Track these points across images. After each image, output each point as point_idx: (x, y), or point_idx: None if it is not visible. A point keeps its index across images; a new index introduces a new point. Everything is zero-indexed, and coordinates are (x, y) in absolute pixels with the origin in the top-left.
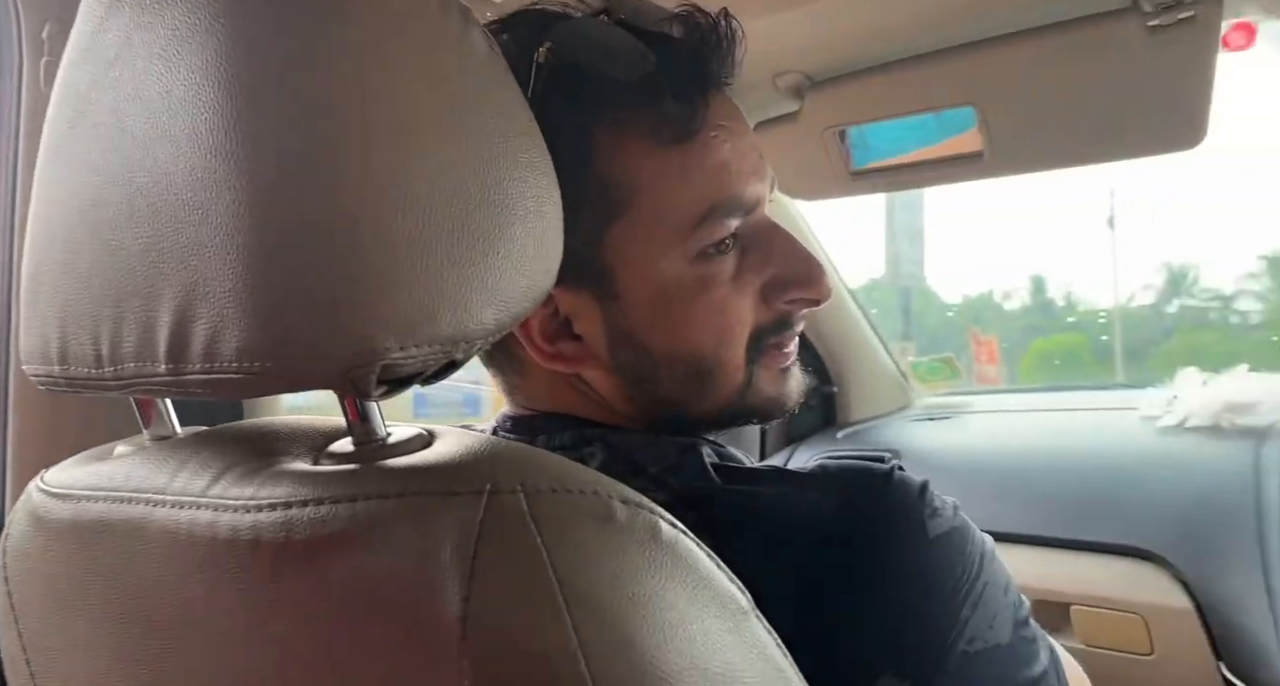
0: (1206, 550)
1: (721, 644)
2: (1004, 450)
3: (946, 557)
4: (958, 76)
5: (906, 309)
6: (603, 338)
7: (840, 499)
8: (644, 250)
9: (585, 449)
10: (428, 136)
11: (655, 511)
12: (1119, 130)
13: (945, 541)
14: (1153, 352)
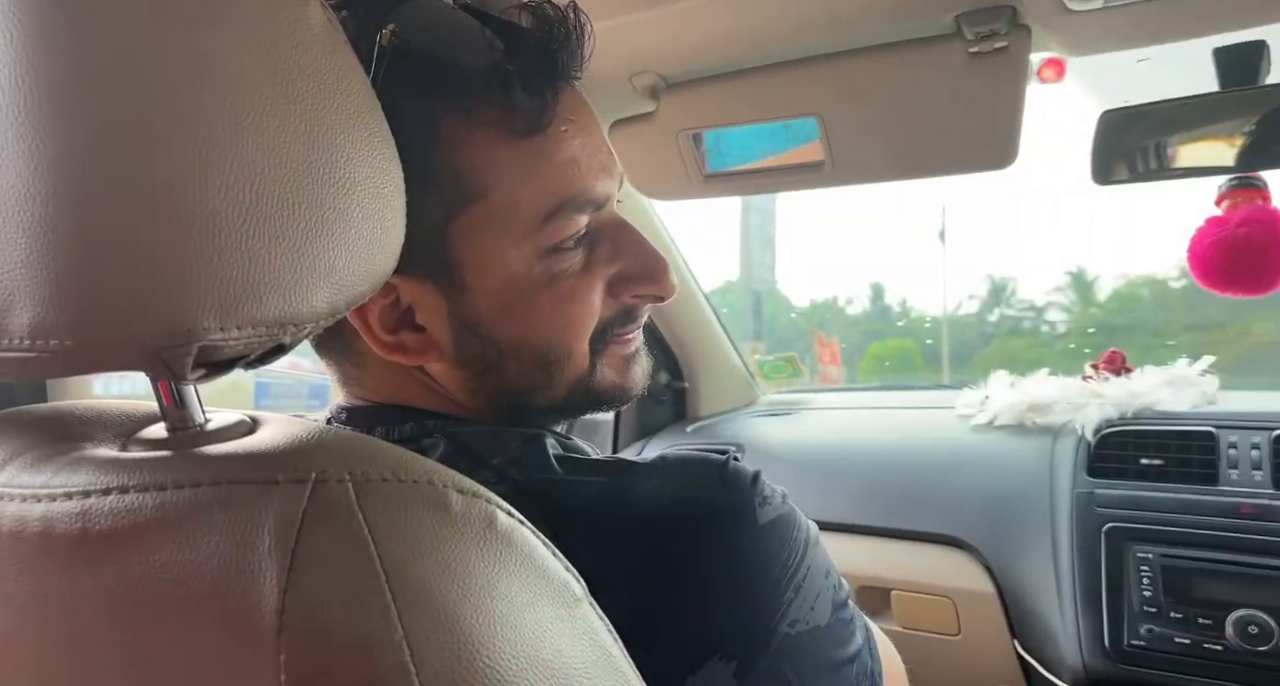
0: (1007, 538)
1: (553, 632)
2: (837, 444)
3: (774, 544)
4: (803, 88)
5: (758, 311)
6: (447, 329)
7: (676, 487)
8: (493, 242)
9: (425, 441)
10: (257, 108)
11: (492, 501)
12: (943, 147)
13: (773, 529)
14: (974, 357)
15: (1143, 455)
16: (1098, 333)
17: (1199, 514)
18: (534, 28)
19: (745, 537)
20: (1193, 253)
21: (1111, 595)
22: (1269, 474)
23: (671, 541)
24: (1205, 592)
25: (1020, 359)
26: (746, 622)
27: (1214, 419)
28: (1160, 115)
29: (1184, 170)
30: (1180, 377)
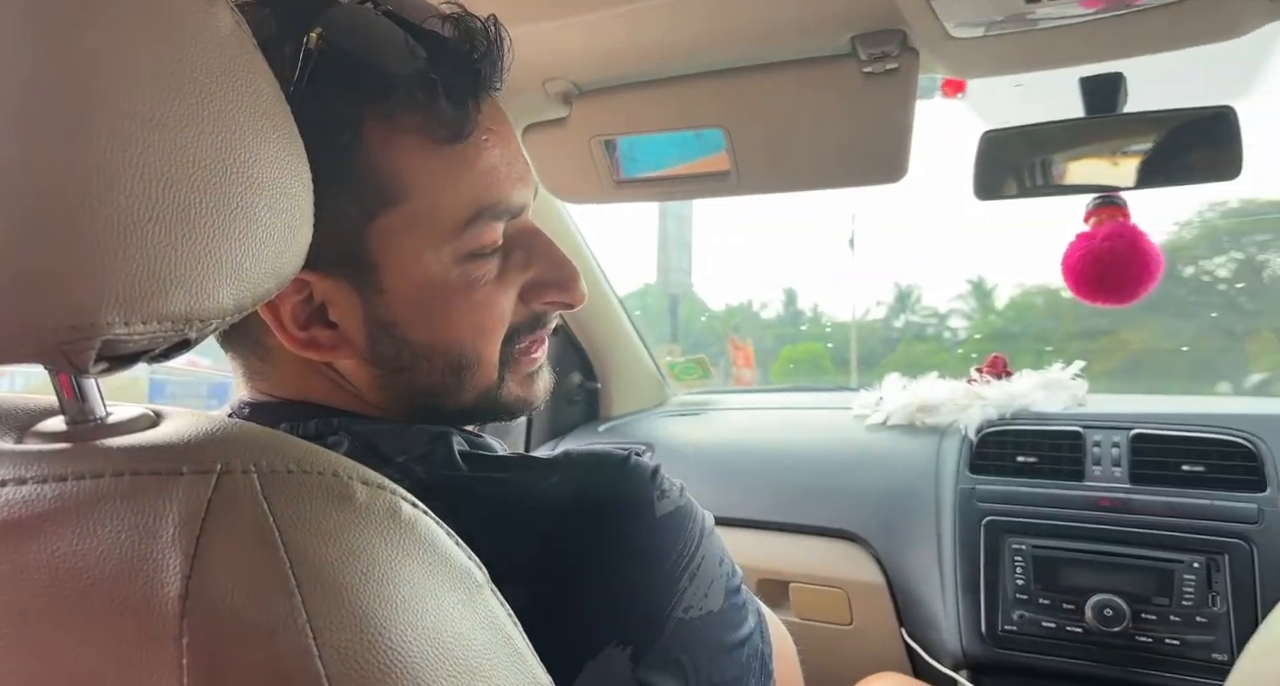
0: (897, 531)
1: (455, 616)
2: (742, 444)
3: (670, 535)
4: (710, 101)
5: (674, 313)
6: (361, 327)
7: (578, 481)
8: (411, 245)
9: (330, 438)
10: (162, 107)
11: (396, 492)
12: (839, 161)
13: (670, 520)
14: (881, 361)
15: (1019, 453)
16: (994, 339)
17: (1066, 507)
18: (456, 38)
19: (643, 529)
20: (1065, 265)
21: (989, 584)
22: (1127, 470)
23: (572, 534)
24: (1069, 580)
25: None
26: (643, 610)
27: (1081, 419)
28: (1034, 137)
29: (1055, 188)
30: (1054, 381)
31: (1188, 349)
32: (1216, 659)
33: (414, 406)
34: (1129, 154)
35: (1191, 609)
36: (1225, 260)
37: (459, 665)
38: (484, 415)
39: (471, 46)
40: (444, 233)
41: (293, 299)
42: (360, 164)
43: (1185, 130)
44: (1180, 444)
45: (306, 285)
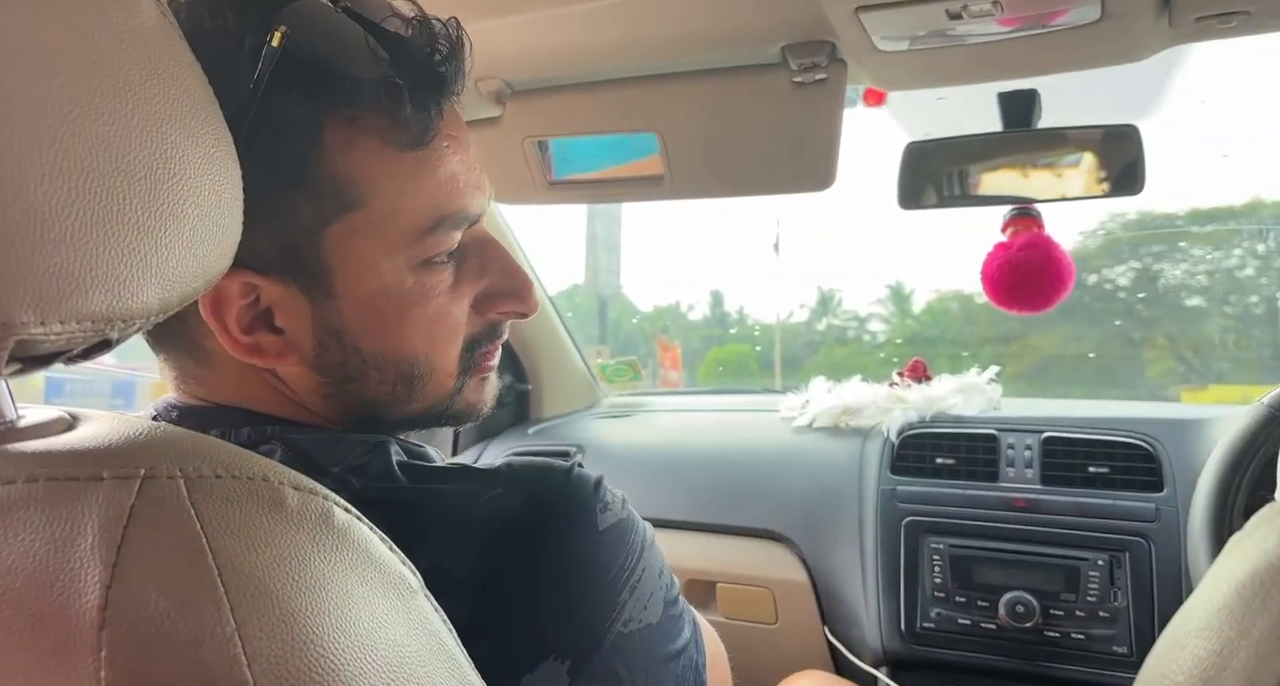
0: (821, 531)
1: (389, 622)
2: (671, 445)
3: (612, 548)
4: (643, 105)
5: (603, 314)
6: (309, 334)
7: (521, 494)
8: (368, 251)
9: (263, 447)
10: (83, 101)
11: (329, 498)
12: (769, 168)
13: (612, 533)
14: (804, 363)
15: (938, 455)
16: (912, 343)
17: (981, 507)
18: (418, 40)
19: (585, 543)
20: (984, 274)
21: (908, 582)
22: (1038, 471)
23: (513, 547)
24: (984, 578)
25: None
26: (582, 624)
27: (996, 422)
28: (955, 149)
29: (974, 199)
30: (971, 385)
31: (1094, 355)
32: (1117, 651)
33: (357, 415)
34: (1042, 167)
35: (1095, 604)
36: (1125, 270)
37: (393, 671)
38: (431, 422)
39: (433, 49)
40: (402, 239)
41: (238, 302)
42: (319, 167)
43: (1094, 147)
44: (1087, 446)
45: (254, 289)
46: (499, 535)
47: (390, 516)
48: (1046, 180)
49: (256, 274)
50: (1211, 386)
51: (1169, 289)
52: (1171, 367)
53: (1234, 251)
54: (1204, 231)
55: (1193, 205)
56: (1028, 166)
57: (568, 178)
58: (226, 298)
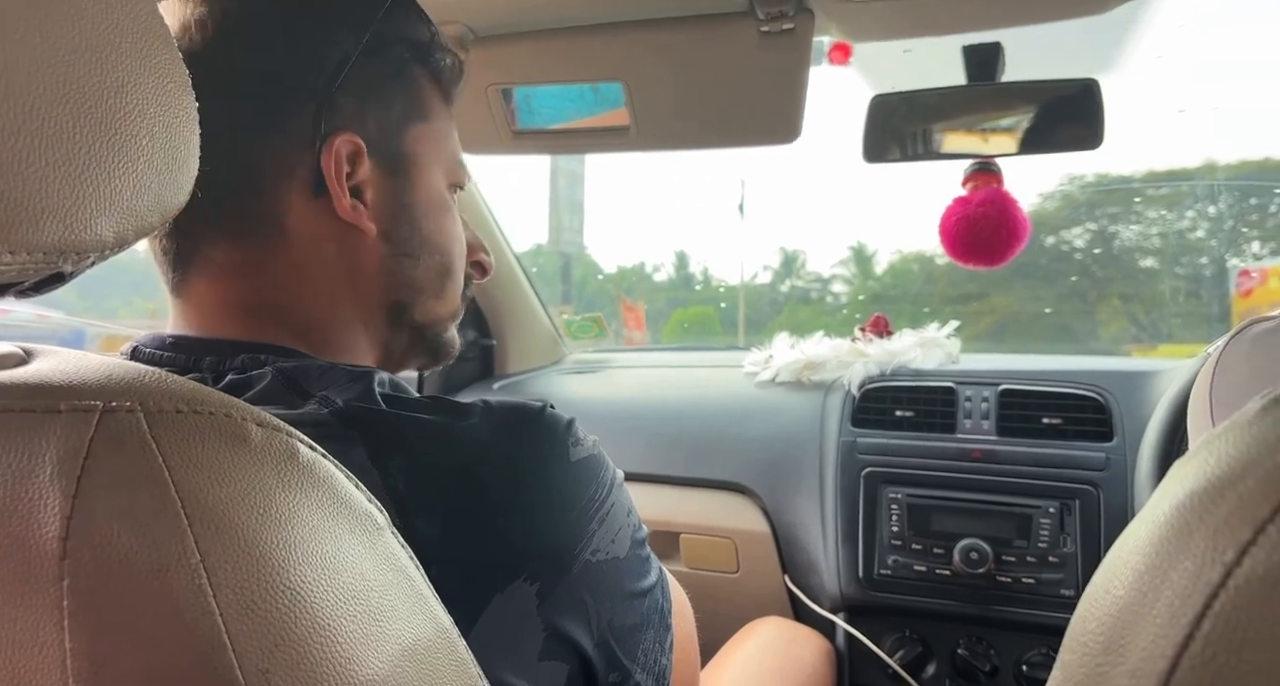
0: (782, 482)
1: (355, 557)
2: (637, 400)
3: (583, 479)
4: (609, 53)
5: (567, 274)
6: (388, 208)
7: (496, 426)
8: (430, 156)
9: (254, 371)
10: (28, 21)
11: (293, 435)
12: (735, 120)
13: (583, 466)
14: (768, 324)
15: (898, 407)
16: (874, 302)
17: (939, 458)
18: None
19: (557, 471)
20: (942, 229)
21: (866, 531)
22: (994, 423)
23: (488, 470)
24: (940, 526)
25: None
26: (552, 548)
27: (954, 376)
28: (919, 102)
29: (938, 154)
30: (930, 340)
31: (1050, 311)
32: (1065, 594)
33: (393, 300)
34: (1004, 122)
35: (1046, 550)
36: (1082, 230)
37: (359, 604)
38: (425, 341)
39: None
40: (447, 159)
41: (344, 168)
42: (412, 83)
43: (1055, 101)
44: (1041, 398)
45: (358, 157)
46: (474, 458)
47: (370, 434)
48: (1008, 135)
49: (365, 144)
50: (1161, 346)
51: (1124, 249)
52: (1124, 327)
53: (1186, 213)
54: (1158, 193)
55: (1148, 166)
56: (990, 121)
57: (533, 128)
58: (340, 157)
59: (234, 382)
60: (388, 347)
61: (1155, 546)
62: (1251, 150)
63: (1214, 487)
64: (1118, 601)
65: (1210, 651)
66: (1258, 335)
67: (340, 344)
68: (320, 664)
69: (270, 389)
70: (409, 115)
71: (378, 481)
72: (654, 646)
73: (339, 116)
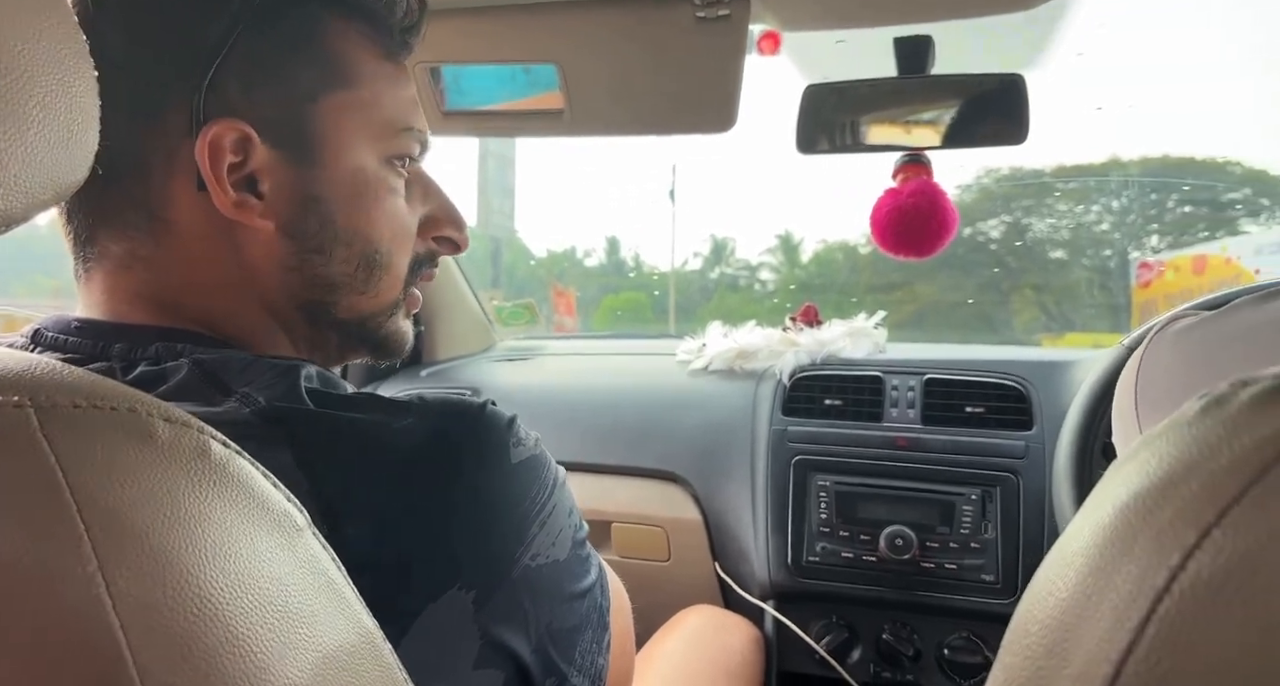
0: (714, 471)
1: (272, 561)
2: (569, 388)
3: (524, 480)
4: (542, 34)
5: (496, 258)
6: (290, 200)
7: (433, 425)
8: (352, 130)
9: (169, 362)
10: None
11: (205, 431)
12: (670, 107)
13: (525, 467)
14: (698, 310)
15: (827, 396)
16: (802, 291)
17: (866, 446)
18: None
19: (497, 474)
20: (873, 220)
21: (795, 518)
22: (919, 411)
23: (422, 474)
24: (866, 513)
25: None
26: (490, 554)
27: (881, 365)
28: (853, 93)
29: (868, 146)
30: (859, 329)
31: (972, 302)
32: (985, 579)
33: (309, 299)
34: (933, 115)
35: (968, 536)
36: (997, 222)
37: (276, 611)
38: (361, 338)
39: None
40: (380, 130)
41: (229, 157)
42: (321, 42)
43: (982, 95)
44: (964, 387)
45: (247, 146)
46: (408, 462)
47: (296, 434)
48: (937, 128)
49: (254, 128)
50: (1069, 334)
51: (1036, 242)
52: (1036, 316)
53: (1093, 207)
54: (1068, 187)
55: (1058, 161)
56: (919, 113)
57: (463, 109)
58: (220, 147)
59: (146, 374)
60: (315, 344)
61: (1099, 548)
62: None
63: (1157, 490)
64: (1061, 604)
65: (1155, 656)
66: (1179, 332)
67: (259, 341)
68: (233, 675)
69: (186, 383)
70: (322, 85)
71: (304, 485)
72: (591, 647)
73: (220, 100)
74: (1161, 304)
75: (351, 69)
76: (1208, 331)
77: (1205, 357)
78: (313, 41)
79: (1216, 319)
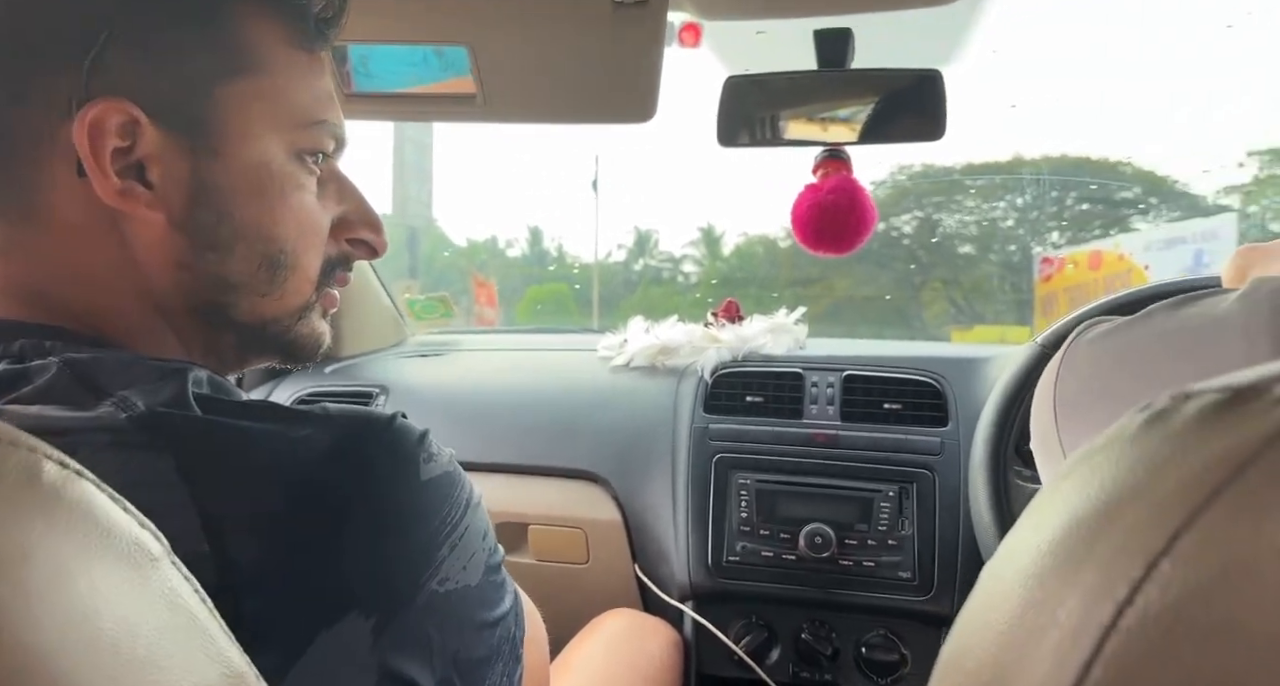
0: (635, 470)
1: (118, 597)
2: (485, 385)
3: (434, 500)
4: (451, 14)
5: (413, 246)
6: (184, 190)
7: (336, 438)
8: (256, 120)
9: (35, 361)
10: None
11: (38, 449)
12: (588, 95)
13: (435, 485)
14: (621, 302)
15: (748, 393)
16: (723, 284)
17: (786, 443)
18: None
19: (404, 492)
20: (794, 216)
21: (716, 518)
22: (838, 408)
23: (321, 489)
24: (786, 511)
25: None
26: (393, 577)
27: (802, 361)
28: (774, 86)
29: (786, 139)
30: (780, 325)
31: (890, 298)
32: (902, 576)
33: (205, 300)
34: (851, 110)
35: (885, 533)
36: (910, 218)
37: (121, 656)
38: (264, 342)
39: None
40: (289, 121)
41: (114, 141)
42: (227, 23)
43: (900, 91)
44: (882, 384)
45: (134, 129)
46: (305, 475)
47: (177, 442)
48: (855, 123)
49: (144, 111)
50: (977, 327)
51: (946, 237)
52: (945, 309)
53: (999, 204)
54: (976, 184)
55: (968, 159)
56: (837, 107)
57: (370, 91)
58: (103, 129)
59: (8, 374)
60: (211, 348)
61: (1038, 579)
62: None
63: (1099, 515)
64: (999, 637)
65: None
66: (1094, 339)
67: (145, 342)
68: None
69: (55, 384)
70: (224, 69)
71: (184, 498)
72: (502, 680)
73: (107, 77)
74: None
75: (259, 55)
76: (1123, 338)
77: (1121, 364)
78: (216, 22)
79: (1131, 325)
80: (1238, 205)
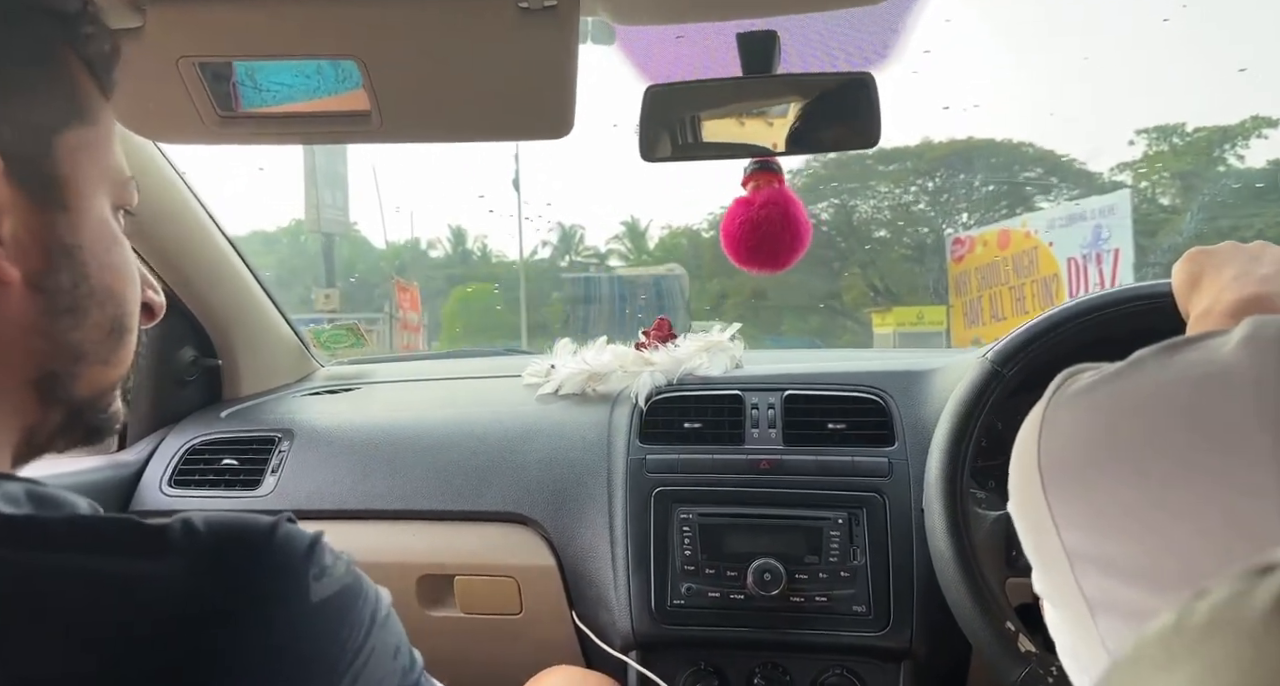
0: (569, 510)
1: None
2: (400, 422)
3: (331, 624)
4: (337, 24)
5: (329, 254)
6: (38, 248)
7: (199, 566)
8: (93, 173)
9: None
10: None
11: None
12: (497, 110)
13: (331, 605)
14: (550, 300)
15: (685, 419)
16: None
17: (728, 472)
18: None
19: (293, 620)
20: (725, 232)
21: (658, 557)
22: (781, 431)
23: (188, 636)
24: (732, 546)
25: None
26: None
27: (740, 382)
28: (697, 95)
29: (713, 150)
30: (715, 343)
31: (826, 300)
32: (857, 610)
33: (46, 373)
34: (781, 117)
35: (837, 564)
36: (827, 205)
37: None
38: (85, 421)
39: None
40: (112, 175)
41: None
42: (61, 73)
43: (831, 95)
44: (824, 403)
45: None
46: (164, 621)
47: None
48: (785, 131)
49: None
50: (894, 309)
51: (861, 222)
52: (864, 293)
53: (911, 188)
54: (888, 170)
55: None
56: (766, 116)
57: (245, 112)
58: None
59: None
60: (31, 431)
61: None
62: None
63: None
64: None
65: None
66: (1079, 392)
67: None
68: None
69: None
70: (64, 116)
71: None
72: None
73: None
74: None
75: (88, 104)
76: (1113, 392)
77: (1115, 425)
78: (52, 64)
79: (1120, 376)
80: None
